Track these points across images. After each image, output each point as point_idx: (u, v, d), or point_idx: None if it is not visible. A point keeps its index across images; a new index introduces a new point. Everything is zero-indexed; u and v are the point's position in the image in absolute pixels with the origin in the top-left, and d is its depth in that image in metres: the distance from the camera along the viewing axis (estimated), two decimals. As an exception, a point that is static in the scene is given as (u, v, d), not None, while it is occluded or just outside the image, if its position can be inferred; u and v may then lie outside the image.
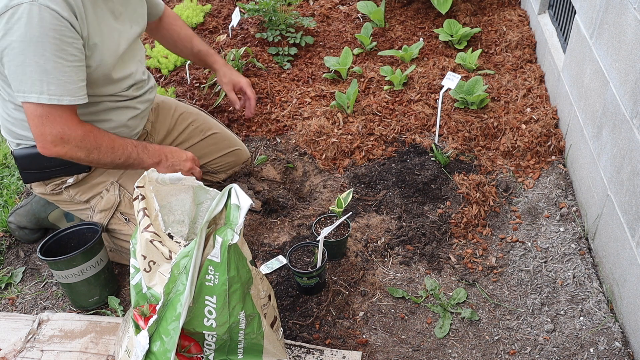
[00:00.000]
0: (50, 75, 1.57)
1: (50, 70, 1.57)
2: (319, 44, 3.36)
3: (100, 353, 1.69)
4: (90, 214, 1.95)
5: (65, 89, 1.61)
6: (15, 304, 1.98)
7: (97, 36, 1.69)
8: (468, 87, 2.67)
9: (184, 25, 2.26)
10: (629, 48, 1.78)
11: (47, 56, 1.55)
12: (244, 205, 1.35)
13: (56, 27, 1.55)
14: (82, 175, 1.89)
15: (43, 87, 1.58)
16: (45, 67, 1.56)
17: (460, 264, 2.03)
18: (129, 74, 1.85)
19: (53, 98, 1.59)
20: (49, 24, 1.54)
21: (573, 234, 2.10)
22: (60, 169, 1.85)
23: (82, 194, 1.92)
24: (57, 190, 1.92)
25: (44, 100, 1.59)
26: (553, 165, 2.41)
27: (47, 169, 1.85)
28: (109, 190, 1.92)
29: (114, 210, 1.93)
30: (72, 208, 1.99)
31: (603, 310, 1.83)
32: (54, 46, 1.56)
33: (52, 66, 1.57)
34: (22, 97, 1.60)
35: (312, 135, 2.58)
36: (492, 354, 1.74)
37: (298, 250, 1.94)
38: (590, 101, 2.13)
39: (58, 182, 1.90)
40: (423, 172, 2.36)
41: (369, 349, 1.75)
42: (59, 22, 1.56)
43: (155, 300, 1.39)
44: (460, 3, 3.49)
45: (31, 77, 1.56)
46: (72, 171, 1.87)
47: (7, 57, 1.56)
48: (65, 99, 1.61)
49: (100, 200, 1.92)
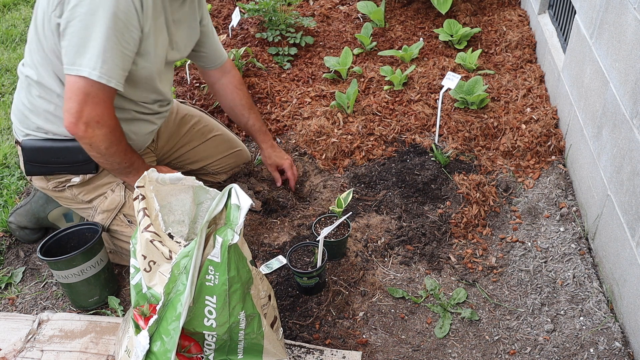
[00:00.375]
0: (107, 54, 1.58)
1: (108, 49, 1.58)
2: (319, 44, 3.36)
3: (100, 353, 1.69)
4: (92, 214, 1.94)
5: (116, 72, 1.62)
6: (15, 304, 1.98)
7: (152, 38, 1.71)
8: (468, 87, 2.67)
9: (246, 94, 2.27)
10: (629, 48, 1.78)
11: (109, 35, 1.57)
12: (244, 205, 1.35)
13: (127, 11, 1.58)
14: (88, 176, 1.88)
15: (98, 63, 1.58)
16: (106, 45, 1.57)
17: (460, 264, 2.03)
18: (161, 89, 1.89)
19: (103, 77, 1.60)
20: (123, 6, 1.57)
21: (573, 234, 2.10)
22: (67, 167, 1.84)
23: (86, 194, 1.92)
24: (60, 188, 1.91)
25: (94, 77, 1.58)
26: (553, 165, 2.41)
27: (53, 164, 1.84)
28: (114, 191, 1.91)
29: (117, 211, 1.92)
30: (73, 206, 1.98)
31: (603, 310, 1.83)
32: (119, 28, 1.58)
33: (111, 46, 1.58)
34: (75, 70, 1.59)
35: (312, 135, 2.58)
36: (492, 354, 1.74)
37: (298, 250, 1.94)
38: (590, 101, 2.13)
39: (62, 179, 1.89)
40: (423, 172, 2.36)
41: (369, 349, 1.76)
42: (129, 7, 1.59)
43: (155, 300, 1.39)
44: (460, 3, 3.49)
45: (91, 51, 1.57)
46: (78, 170, 1.86)
47: (72, 28, 1.57)
48: (113, 81, 1.62)
49: (104, 201, 1.92)
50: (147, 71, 1.77)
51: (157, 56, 1.77)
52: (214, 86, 2.25)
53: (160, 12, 1.73)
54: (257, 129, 2.28)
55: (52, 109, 1.78)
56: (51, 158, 1.82)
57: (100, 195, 1.92)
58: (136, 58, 1.70)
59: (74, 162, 1.81)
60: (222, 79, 2.21)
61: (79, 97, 1.61)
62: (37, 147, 1.81)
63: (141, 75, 1.76)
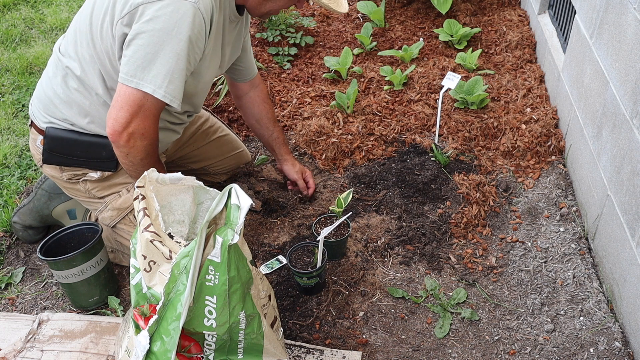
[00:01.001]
0: (174, 75, 1.58)
1: (177, 70, 1.57)
2: (319, 44, 3.36)
3: (100, 353, 1.69)
4: (101, 209, 1.93)
5: (179, 92, 1.62)
6: (15, 304, 1.98)
7: (209, 59, 1.72)
8: (468, 87, 2.67)
9: (272, 108, 2.29)
10: (629, 48, 1.78)
11: (181, 56, 1.56)
12: (244, 205, 1.35)
13: (198, 34, 1.58)
14: (107, 173, 1.88)
15: (164, 82, 1.57)
16: (176, 66, 1.57)
17: (460, 264, 2.03)
18: (197, 103, 1.90)
19: (167, 96, 1.59)
20: (196, 29, 1.56)
21: (573, 234, 2.10)
22: (87, 162, 1.83)
23: (100, 190, 1.91)
24: (74, 180, 1.89)
25: (159, 95, 1.57)
26: (553, 165, 2.41)
27: (74, 157, 1.82)
28: (129, 191, 1.91)
29: (128, 212, 1.92)
30: (82, 199, 1.96)
31: (603, 310, 1.83)
32: (189, 50, 1.57)
33: (180, 68, 1.58)
34: (135, 84, 1.57)
35: (312, 135, 2.58)
36: (492, 354, 1.74)
37: (298, 250, 1.94)
38: (590, 101, 2.13)
39: (79, 172, 1.87)
40: (423, 172, 2.36)
41: (369, 349, 1.76)
42: (202, 31, 1.58)
43: (155, 300, 1.39)
44: (460, 3, 3.49)
45: (158, 68, 1.56)
46: (98, 166, 1.85)
47: (141, 41, 1.55)
48: (176, 101, 1.62)
49: (117, 199, 1.91)
50: (192, 89, 1.78)
51: (206, 76, 1.78)
52: (241, 98, 2.25)
53: (219, 35, 1.74)
54: (282, 142, 2.31)
55: (87, 105, 1.77)
56: (74, 150, 1.81)
57: (114, 192, 1.91)
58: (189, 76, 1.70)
59: (96, 157, 1.81)
60: (251, 92, 2.23)
61: (132, 108, 1.59)
62: (62, 138, 1.80)
63: (186, 91, 1.74)
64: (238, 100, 2.27)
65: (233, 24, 1.83)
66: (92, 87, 1.74)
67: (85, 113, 1.78)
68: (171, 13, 1.52)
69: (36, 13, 4.17)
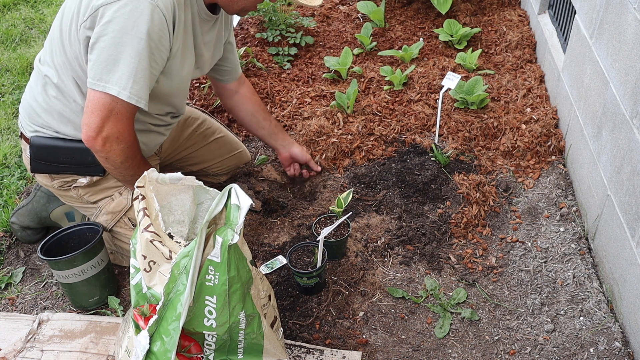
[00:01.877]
0: (138, 75, 1.57)
1: (140, 70, 1.57)
2: (319, 44, 3.36)
3: (100, 353, 1.69)
4: (96, 214, 1.94)
5: (145, 92, 1.61)
6: (15, 304, 1.98)
7: (180, 57, 1.71)
8: (468, 87, 2.67)
9: (260, 100, 2.29)
10: (629, 48, 1.78)
11: (142, 55, 1.55)
12: (244, 205, 1.35)
13: (160, 32, 1.56)
14: (95, 178, 1.88)
15: (129, 83, 1.56)
16: (138, 65, 1.56)
17: (460, 264, 2.03)
18: (177, 104, 1.89)
19: (132, 97, 1.58)
20: (156, 27, 1.55)
21: (573, 234, 2.10)
22: (74, 168, 1.83)
23: (92, 195, 1.91)
24: (65, 187, 1.90)
25: (124, 97, 1.57)
26: (553, 165, 2.41)
27: (60, 164, 1.83)
28: (122, 194, 1.91)
29: (122, 214, 1.92)
30: (76, 205, 1.97)
31: (603, 310, 1.83)
32: (151, 49, 1.56)
33: (143, 67, 1.57)
34: (102, 87, 1.57)
35: (312, 135, 2.58)
36: (492, 354, 1.74)
37: (298, 250, 1.94)
38: (590, 101, 2.13)
39: (68, 179, 1.88)
40: (423, 172, 2.36)
41: (369, 349, 1.76)
42: (163, 28, 1.57)
43: (155, 300, 1.39)
44: (460, 3, 3.49)
45: (121, 70, 1.55)
46: (86, 172, 1.85)
47: (103, 43, 1.54)
48: (142, 101, 1.61)
49: (110, 203, 1.91)
50: (167, 89, 1.76)
51: (181, 76, 1.77)
52: (232, 98, 2.23)
53: (189, 35, 1.73)
54: (281, 129, 2.31)
55: (68, 112, 1.77)
56: (60, 157, 1.81)
57: (107, 197, 1.92)
58: (159, 76, 1.69)
59: (83, 163, 1.80)
60: (240, 89, 2.22)
61: (102, 112, 1.59)
62: (46, 146, 1.80)
63: (161, 91, 1.75)
64: (228, 101, 2.26)
65: (208, 24, 1.81)
66: (69, 95, 1.74)
67: (67, 120, 1.78)
68: (129, 13, 1.51)
69: (36, 13, 4.17)
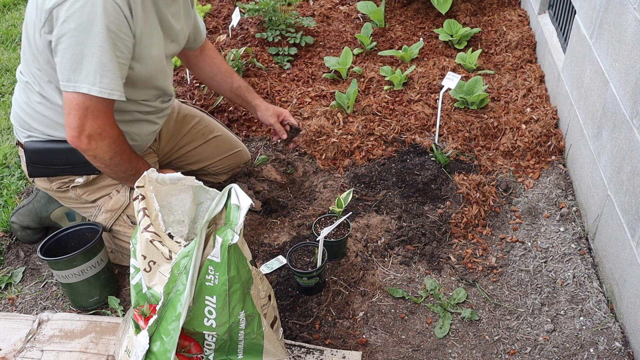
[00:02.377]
0: (105, 68, 1.57)
1: (105, 62, 1.56)
2: (319, 44, 3.36)
3: (100, 353, 1.69)
4: (95, 213, 1.94)
5: (117, 83, 1.61)
6: (15, 304, 1.98)
7: (146, 40, 1.70)
8: (468, 87, 2.67)
9: (224, 61, 2.25)
10: (629, 48, 1.78)
11: (104, 48, 1.55)
12: (244, 205, 1.35)
13: (116, 21, 1.55)
14: (92, 176, 1.88)
15: (97, 78, 1.56)
16: (102, 59, 1.55)
17: (460, 264, 2.03)
18: (162, 85, 1.88)
19: (104, 91, 1.58)
20: (112, 17, 1.54)
21: (573, 234, 2.10)
22: (69, 168, 1.84)
23: (90, 194, 1.92)
24: (64, 188, 1.91)
25: (95, 92, 1.57)
26: (553, 165, 2.41)
27: (55, 166, 1.83)
28: (119, 192, 1.91)
29: (121, 212, 1.92)
30: (76, 206, 1.98)
31: (603, 310, 1.83)
32: (111, 39, 1.55)
33: (108, 59, 1.56)
34: (72, 87, 1.57)
35: (312, 135, 2.58)
36: (492, 354, 1.74)
37: (298, 250, 1.94)
38: (590, 101, 2.13)
39: (65, 180, 1.89)
40: (423, 172, 2.36)
41: (369, 349, 1.76)
42: (119, 17, 1.56)
43: (155, 300, 1.39)
44: (460, 3, 3.49)
45: (87, 67, 1.55)
46: (82, 171, 1.85)
47: (64, 45, 1.55)
48: (115, 93, 1.61)
49: (108, 201, 1.92)
50: (144, 72, 1.75)
51: (154, 57, 1.76)
52: (198, 61, 2.20)
53: (151, 13, 1.71)
54: (245, 88, 2.25)
55: (54, 116, 1.77)
56: (54, 159, 1.81)
57: (105, 195, 1.92)
58: (132, 63, 1.68)
59: (77, 162, 1.81)
60: (202, 53, 2.19)
61: (79, 112, 1.60)
62: (40, 149, 1.81)
63: (139, 77, 1.75)
64: (193, 66, 2.23)
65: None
66: (52, 99, 1.74)
67: (55, 124, 1.79)
68: (81, 9, 1.51)
69: (36, 13, 4.16)
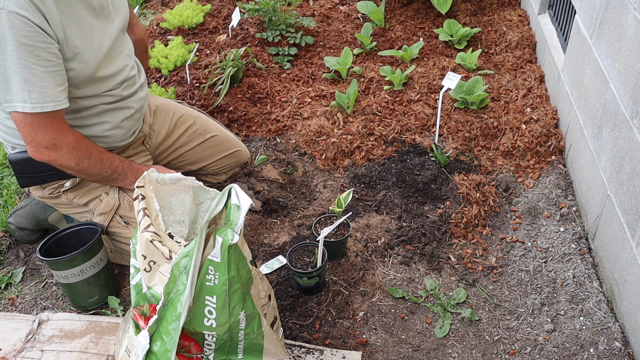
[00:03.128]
0: (30, 84, 1.56)
1: (29, 78, 1.55)
2: (319, 44, 3.36)
3: (100, 353, 1.69)
4: (90, 217, 1.94)
5: (47, 95, 1.59)
6: (15, 304, 1.98)
7: (75, 37, 1.65)
8: (468, 87, 2.67)
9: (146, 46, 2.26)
10: (629, 48, 1.78)
11: (23, 64, 1.53)
12: (244, 205, 1.35)
13: (28, 33, 1.52)
14: (78, 179, 1.89)
15: (25, 95, 1.57)
16: (24, 75, 1.54)
17: (460, 264, 2.03)
18: (117, 70, 1.82)
19: (36, 106, 1.58)
20: (21, 31, 1.51)
21: (573, 234, 2.10)
22: (56, 173, 1.84)
23: (81, 197, 1.92)
24: (55, 194, 1.92)
25: (27, 109, 1.58)
26: (553, 165, 2.41)
27: (42, 173, 1.85)
28: (109, 194, 1.92)
29: (113, 213, 1.92)
30: (71, 211, 1.98)
31: (603, 310, 1.83)
32: (28, 53, 1.53)
33: (30, 73, 1.55)
34: (10, 107, 1.59)
35: (312, 135, 2.58)
36: (492, 354, 1.74)
37: (298, 250, 1.94)
38: (590, 101, 2.13)
39: (55, 185, 1.90)
40: (423, 172, 2.36)
41: (369, 349, 1.76)
42: (30, 28, 1.52)
43: (155, 300, 1.39)
44: (460, 3, 3.49)
45: (14, 86, 1.56)
46: (68, 174, 1.86)
47: None
48: (48, 105, 1.60)
49: (100, 204, 1.92)
50: (88, 67, 1.70)
51: (91, 48, 1.70)
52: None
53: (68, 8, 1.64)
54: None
55: None
56: (38, 167, 1.81)
57: (95, 197, 1.92)
58: (68, 64, 1.65)
59: None
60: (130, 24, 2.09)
61: (26, 128, 1.63)
62: (24, 159, 1.81)
63: (85, 74, 1.71)
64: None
65: None
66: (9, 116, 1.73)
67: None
68: None
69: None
